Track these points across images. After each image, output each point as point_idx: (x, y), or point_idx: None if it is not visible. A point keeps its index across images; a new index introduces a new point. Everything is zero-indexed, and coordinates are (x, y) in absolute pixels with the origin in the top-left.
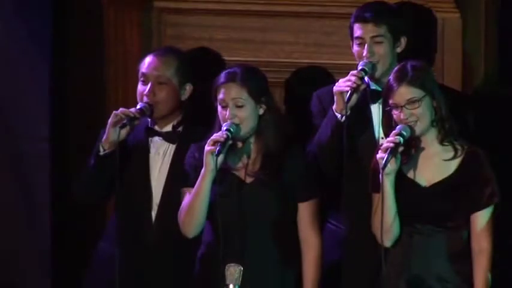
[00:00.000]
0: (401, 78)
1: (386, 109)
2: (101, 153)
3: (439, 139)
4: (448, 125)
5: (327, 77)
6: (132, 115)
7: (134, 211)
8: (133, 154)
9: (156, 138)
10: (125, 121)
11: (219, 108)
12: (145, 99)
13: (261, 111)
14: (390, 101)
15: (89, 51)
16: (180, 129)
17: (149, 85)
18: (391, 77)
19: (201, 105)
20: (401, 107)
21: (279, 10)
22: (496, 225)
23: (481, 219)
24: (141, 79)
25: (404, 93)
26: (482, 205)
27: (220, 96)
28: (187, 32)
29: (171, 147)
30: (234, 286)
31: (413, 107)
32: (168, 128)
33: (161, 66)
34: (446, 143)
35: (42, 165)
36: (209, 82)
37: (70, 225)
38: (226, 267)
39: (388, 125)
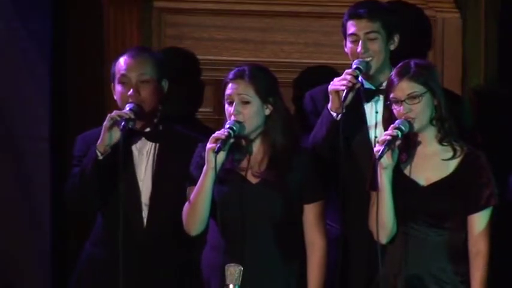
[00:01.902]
0: (403, 73)
1: (387, 103)
2: (100, 157)
3: (438, 138)
4: (447, 125)
5: (327, 76)
6: (127, 116)
7: (124, 213)
8: (118, 156)
9: (138, 139)
10: (123, 123)
11: (226, 104)
12: (131, 100)
13: (268, 112)
14: (391, 95)
15: (89, 51)
16: (160, 127)
17: (132, 85)
18: (393, 72)
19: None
20: (402, 101)
21: (279, 10)
22: (495, 226)
23: (479, 221)
24: (121, 81)
25: (405, 87)
26: (480, 207)
27: (227, 91)
28: (187, 32)
29: (154, 147)
30: (234, 286)
31: (413, 102)
32: (149, 127)
33: (140, 65)
34: (446, 143)
35: (42, 165)
36: (183, 80)
37: (70, 225)
38: (226, 267)
39: (389, 120)
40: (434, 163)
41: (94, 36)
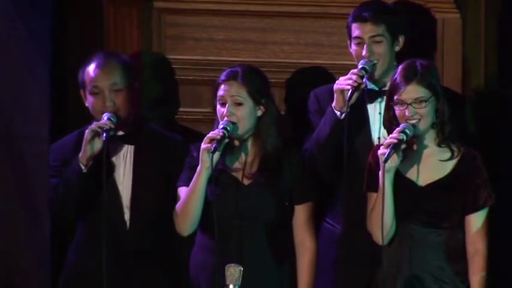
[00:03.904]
0: (411, 76)
1: (390, 104)
2: (84, 170)
3: (437, 142)
4: (448, 130)
5: (327, 77)
6: (108, 127)
7: (106, 217)
8: (95, 162)
9: (114, 142)
10: (105, 134)
11: (218, 105)
12: (107, 110)
13: (260, 113)
14: (396, 97)
15: (89, 51)
16: (134, 129)
17: (105, 96)
18: (399, 74)
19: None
20: (408, 104)
21: (279, 10)
22: (493, 226)
23: (476, 220)
24: (93, 92)
25: (413, 91)
26: (478, 207)
27: (220, 93)
28: (187, 32)
29: (130, 149)
30: (234, 286)
31: (420, 107)
32: (123, 130)
33: (110, 74)
34: (443, 145)
35: (42, 165)
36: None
37: (70, 225)
38: (226, 267)
39: (390, 120)
40: (431, 164)
41: (94, 36)
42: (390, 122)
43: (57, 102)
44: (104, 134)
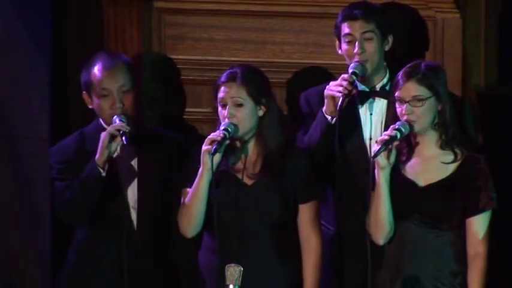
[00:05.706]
0: (411, 74)
1: (391, 100)
2: (103, 173)
3: (440, 144)
4: (451, 132)
5: (327, 77)
6: (125, 129)
7: (112, 219)
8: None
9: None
10: (124, 137)
11: (219, 107)
12: (116, 112)
13: (261, 113)
14: (396, 94)
15: (88, 51)
16: (136, 130)
17: (114, 97)
18: (401, 71)
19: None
20: (406, 102)
21: (279, 10)
22: (494, 228)
23: (477, 224)
24: (102, 94)
25: (410, 89)
26: (479, 210)
27: (220, 95)
28: (187, 32)
29: (133, 149)
30: (234, 286)
31: (416, 105)
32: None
33: (119, 75)
34: (446, 148)
35: (42, 165)
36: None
37: (70, 225)
38: (226, 267)
39: (394, 118)
40: (433, 165)
41: (94, 36)
42: (393, 119)
43: (57, 102)
44: (124, 137)
